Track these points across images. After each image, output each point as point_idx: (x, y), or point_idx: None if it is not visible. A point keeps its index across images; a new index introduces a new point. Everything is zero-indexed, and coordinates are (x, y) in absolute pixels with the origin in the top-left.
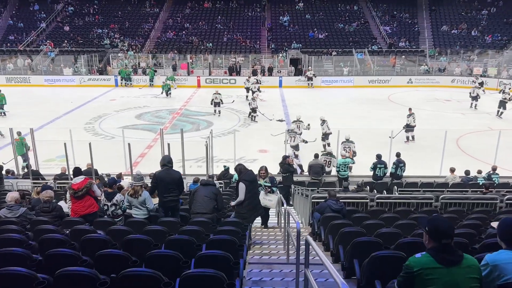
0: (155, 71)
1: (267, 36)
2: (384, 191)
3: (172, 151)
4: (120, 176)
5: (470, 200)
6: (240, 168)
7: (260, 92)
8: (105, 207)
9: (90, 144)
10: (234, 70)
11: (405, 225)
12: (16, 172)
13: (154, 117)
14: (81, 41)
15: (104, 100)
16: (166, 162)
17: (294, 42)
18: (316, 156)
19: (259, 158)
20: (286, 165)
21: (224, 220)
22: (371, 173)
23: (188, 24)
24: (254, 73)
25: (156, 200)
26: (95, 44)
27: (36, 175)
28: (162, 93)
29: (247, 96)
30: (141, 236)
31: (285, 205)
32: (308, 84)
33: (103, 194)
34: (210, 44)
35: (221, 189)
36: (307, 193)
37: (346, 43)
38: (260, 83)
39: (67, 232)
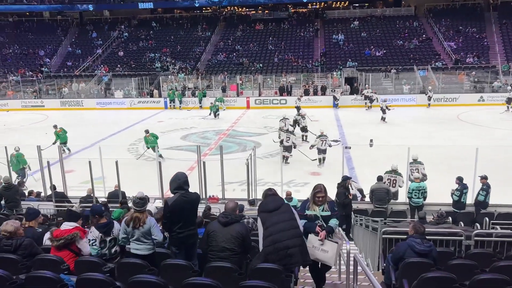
0: (204, 93)
1: (320, 55)
2: (478, 225)
3: (214, 172)
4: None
5: None
6: (265, 193)
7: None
8: (102, 246)
9: (116, 162)
10: (284, 90)
11: None
12: (43, 193)
13: (200, 138)
14: (134, 65)
15: (151, 121)
16: (182, 183)
17: (349, 60)
18: (380, 178)
19: (311, 181)
20: (343, 190)
21: (254, 267)
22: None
23: (239, 46)
24: (307, 92)
25: None
26: (147, 68)
27: (60, 197)
28: (210, 114)
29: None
30: None
31: (347, 245)
32: (365, 103)
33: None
34: (260, 65)
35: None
36: (374, 225)
37: (406, 60)
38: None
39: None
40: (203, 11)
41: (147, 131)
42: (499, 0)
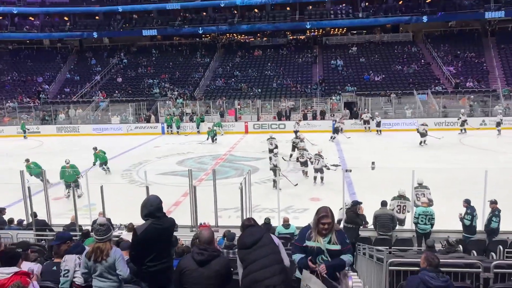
0: (202, 118)
1: (318, 81)
2: (493, 254)
3: (209, 198)
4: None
5: None
6: (242, 225)
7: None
8: (86, 272)
9: (101, 187)
10: (283, 115)
11: None
12: (26, 221)
13: (197, 163)
14: (131, 91)
15: (148, 147)
16: (154, 210)
17: (348, 85)
18: (384, 204)
19: (311, 207)
20: (353, 214)
21: None
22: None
23: (237, 72)
24: (305, 117)
25: None
26: (145, 94)
27: (41, 225)
28: (207, 139)
29: (270, 158)
30: None
31: (350, 281)
32: (365, 128)
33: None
34: (259, 90)
35: None
36: (378, 255)
37: (406, 84)
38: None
39: None
40: (203, 38)
41: (95, 148)
42: (496, 26)
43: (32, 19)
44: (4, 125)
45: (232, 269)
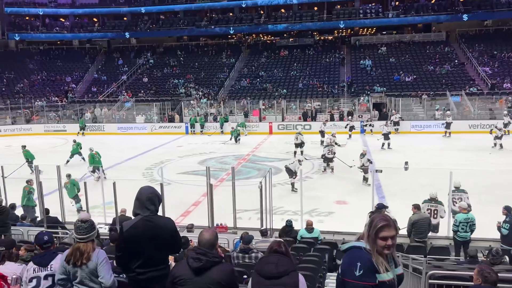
0: (226, 118)
1: (347, 82)
2: None
3: (229, 198)
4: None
5: None
6: (270, 247)
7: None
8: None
9: (114, 183)
10: (309, 116)
11: None
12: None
13: (219, 163)
14: (156, 91)
15: (171, 146)
16: (145, 201)
17: (377, 85)
18: (418, 207)
19: (336, 211)
20: None
21: None
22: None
23: (263, 72)
24: (332, 117)
25: None
26: (170, 94)
27: (53, 222)
28: (231, 139)
29: (322, 141)
30: None
31: None
32: (394, 129)
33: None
34: (285, 90)
35: None
36: (416, 265)
37: (438, 85)
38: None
39: None
40: (229, 39)
41: (91, 149)
42: None
43: (63, 20)
44: (32, 123)
45: (237, 279)
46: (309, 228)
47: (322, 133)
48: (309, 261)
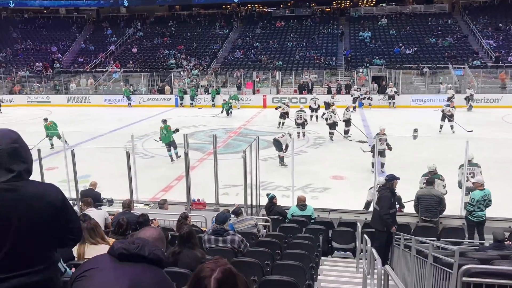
0: (218, 91)
1: (345, 57)
2: None
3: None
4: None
5: None
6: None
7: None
8: None
9: (73, 151)
10: (305, 88)
11: None
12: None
13: (207, 136)
14: (146, 61)
15: (159, 119)
16: (4, 158)
17: (377, 58)
18: (430, 181)
19: (333, 186)
20: (388, 193)
21: None
22: None
23: (257, 43)
24: (329, 91)
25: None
26: (160, 65)
27: None
28: (222, 112)
29: (311, 117)
30: None
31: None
32: (389, 103)
33: None
34: (280, 62)
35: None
36: (442, 255)
37: (440, 58)
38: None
39: None
40: (222, 9)
41: (46, 119)
42: None
43: None
44: (14, 93)
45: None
46: (301, 205)
47: (327, 105)
48: (300, 245)
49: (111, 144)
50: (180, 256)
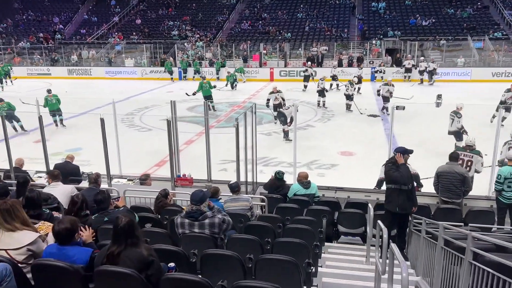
0: (224, 63)
1: (357, 24)
2: None
3: (218, 147)
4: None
5: None
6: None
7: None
8: None
9: (40, 116)
10: (314, 61)
11: None
12: None
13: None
14: (148, 32)
15: (160, 92)
16: None
17: (391, 30)
18: (454, 156)
19: (341, 163)
20: (394, 168)
21: None
22: None
23: (266, 14)
24: (340, 63)
25: None
26: (164, 36)
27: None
28: (226, 85)
29: (331, 85)
30: None
31: None
32: (405, 77)
33: None
34: (289, 34)
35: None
36: (455, 236)
37: (458, 30)
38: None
39: None
40: None
41: (49, 91)
42: None
43: None
44: (14, 65)
45: None
46: (305, 182)
47: (334, 77)
48: (298, 230)
49: (108, 117)
50: (120, 259)
